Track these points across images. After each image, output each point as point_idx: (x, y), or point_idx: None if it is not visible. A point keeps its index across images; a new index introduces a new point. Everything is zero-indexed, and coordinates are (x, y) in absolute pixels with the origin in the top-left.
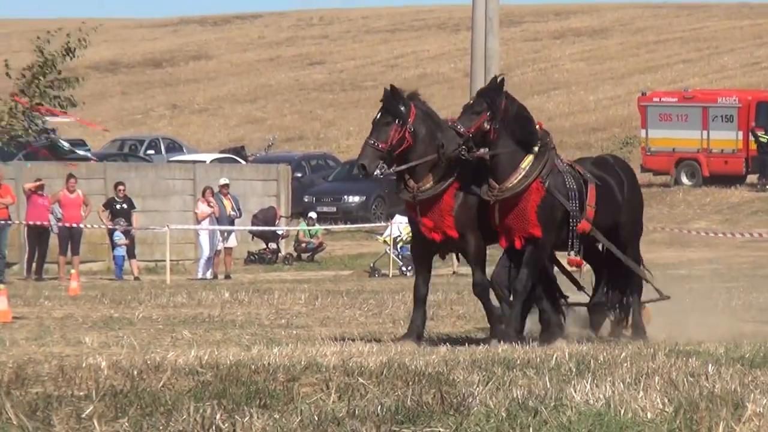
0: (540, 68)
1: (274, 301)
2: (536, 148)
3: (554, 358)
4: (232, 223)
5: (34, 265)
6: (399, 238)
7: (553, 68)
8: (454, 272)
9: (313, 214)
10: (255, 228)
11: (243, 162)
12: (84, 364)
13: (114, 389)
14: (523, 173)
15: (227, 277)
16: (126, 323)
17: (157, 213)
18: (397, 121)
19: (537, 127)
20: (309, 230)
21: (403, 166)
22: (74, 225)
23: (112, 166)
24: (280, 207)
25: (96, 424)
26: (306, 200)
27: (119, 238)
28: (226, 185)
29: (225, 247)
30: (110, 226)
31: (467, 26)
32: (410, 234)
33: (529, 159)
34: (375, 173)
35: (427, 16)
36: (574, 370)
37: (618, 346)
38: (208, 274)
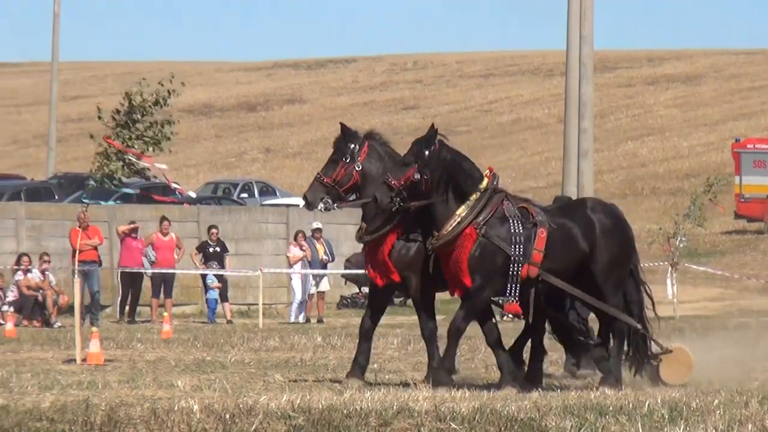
0: (633, 114)
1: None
2: (474, 195)
3: (647, 404)
4: (324, 267)
5: (127, 307)
6: None
7: (646, 114)
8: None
9: None
10: (348, 272)
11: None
12: (176, 408)
13: None
14: (458, 220)
15: (320, 321)
16: (218, 367)
17: (250, 256)
18: (344, 159)
19: (488, 171)
20: None
21: (344, 204)
22: (167, 268)
23: (205, 209)
24: None
25: None
26: None
27: (212, 281)
28: (319, 229)
29: (318, 291)
30: (203, 270)
31: (561, 72)
32: None
33: (465, 206)
34: (319, 207)
35: (521, 61)
36: (666, 416)
37: (711, 393)
38: (301, 318)
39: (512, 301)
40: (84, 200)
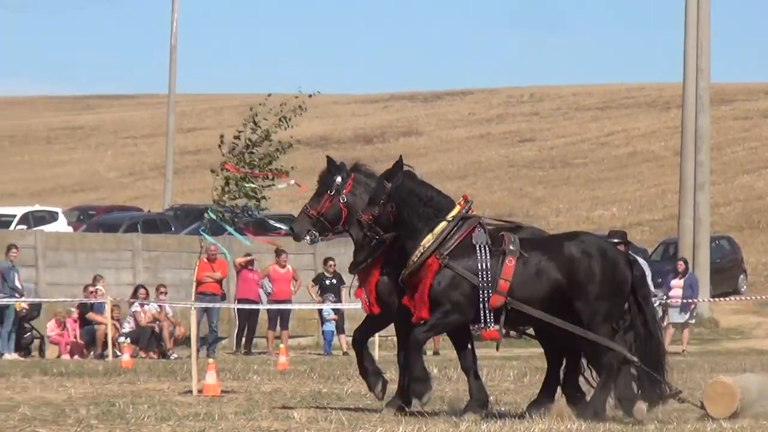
0: (750, 147)
1: (483, 378)
2: (443, 224)
3: None
4: None
5: (243, 339)
6: None
7: (763, 147)
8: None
9: None
10: None
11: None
12: None
13: None
14: (422, 251)
15: (436, 353)
16: (334, 398)
17: None
18: (329, 191)
19: (461, 199)
20: None
21: (330, 236)
22: (284, 300)
23: (322, 242)
24: None
25: None
26: None
27: (328, 313)
28: None
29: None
30: (319, 302)
31: (677, 104)
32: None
33: (431, 235)
34: (305, 238)
35: (638, 93)
36: None
37: None
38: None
39: (489, 328)
40: (201, 232)
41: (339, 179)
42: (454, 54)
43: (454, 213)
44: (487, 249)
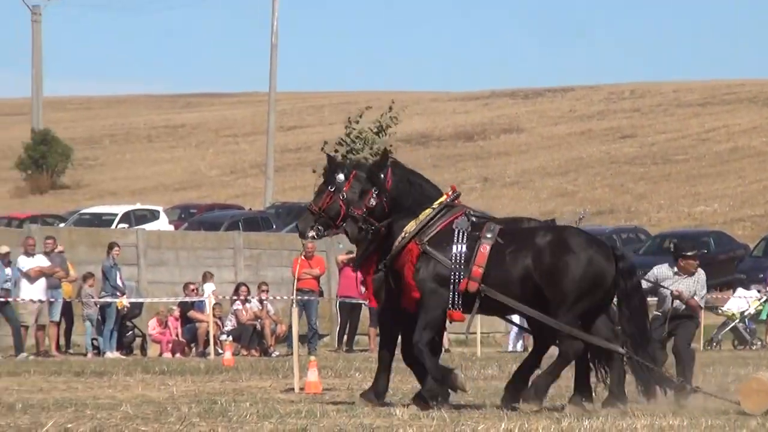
0: None
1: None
2: (427, 211)
3: None
4: None
5: (345, 336)
6: (746, 312)
7: None
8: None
9: None
10: None
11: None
12: None
13: None
14: (403, 235)
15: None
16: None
17: None
18: (330, 188)
19: (450, 189)
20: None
21: (334, 231)
22: None
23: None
24: None
25: None
26: None
27: None
28: None
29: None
30: None
31: None
32: (758, 307)
33: (414, 221)
34: (310, 235)
35: (739, 89)
36: None
37: None
38: (519, 347)
39: (456, 309)
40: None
41: (341, 176)
42: (556, 51)
43: (440, 201)
44: (464, 236)
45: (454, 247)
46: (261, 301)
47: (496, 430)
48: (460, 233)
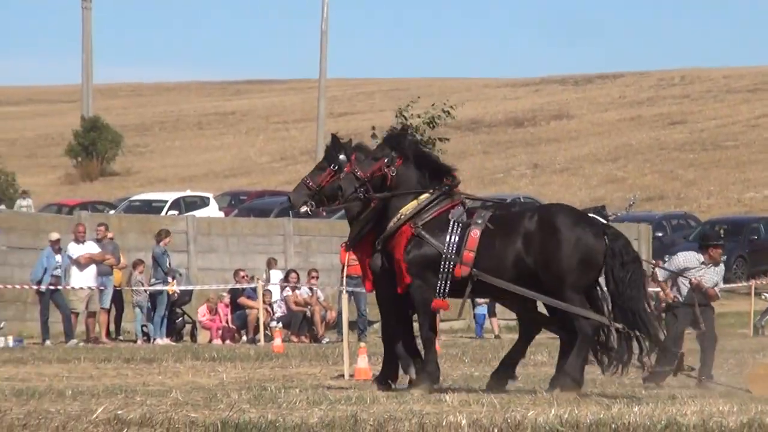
0: None
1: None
2: (425, 195)
3: None
4: None
5: None
6: None
7: None
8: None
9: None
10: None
11: (604, 222)
12: (444, 422)
13: None
14: (399, 217)
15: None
16: (486, 382)
17: None
18: (332, 166)
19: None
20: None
21: (326, 208)
22: None
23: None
24: None
25: None
26: (666, 259)
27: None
28: None
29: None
30: None
31: None
32: None
33: (412, 204)
34: (302, 209)
35: None
36: None
37: None
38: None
39: (441, 297)
40: None
41: (343, 156)
42: (605, 38)
43: (443, 187)
44: (459, 224)
45: (447, 236)
46: (311, 288)
47: (546, 417)
48: (455, 224)
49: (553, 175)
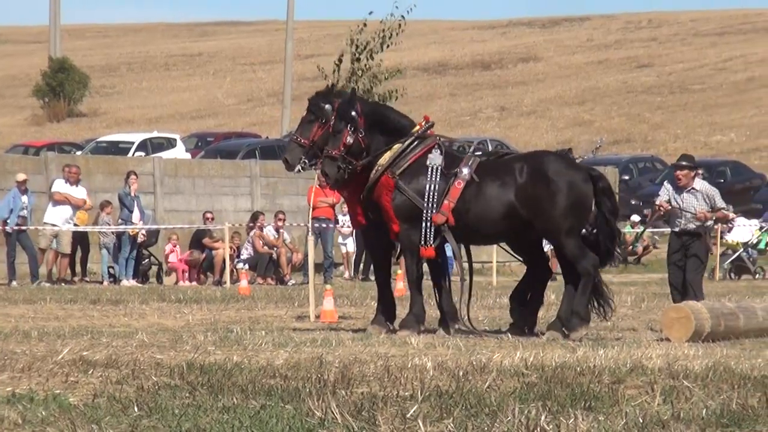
0: None
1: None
2: (399, 143)
3: None
4: None
5: (361, 265)
6: (749, 242)
7: None
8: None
9: (635, 217)
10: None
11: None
12: (409, 365)
13: (439, 390)
14: (377, 169)
15: (553, 279)
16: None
17: None
18: (320, 120)
19: (423, 120)
20: (636, 233)
21: (319, 165)
22: None
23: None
24: None
25: (421, 424)
26: (633, 203)
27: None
28: None
29: (551, 249)
30: None
31: None
32: (759, 237)
33: (388, 154)
34: (297, 168)
35: (757, 19)
36: None
37: None
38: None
39: (428, 246)
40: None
41: (329, 107)
42: None
43: (414, 131)
44: (438, 171)
45: (427, 184)
46: (277, 230)
47: (512, 359)
48: (434, 168)
49: (520, 117)
